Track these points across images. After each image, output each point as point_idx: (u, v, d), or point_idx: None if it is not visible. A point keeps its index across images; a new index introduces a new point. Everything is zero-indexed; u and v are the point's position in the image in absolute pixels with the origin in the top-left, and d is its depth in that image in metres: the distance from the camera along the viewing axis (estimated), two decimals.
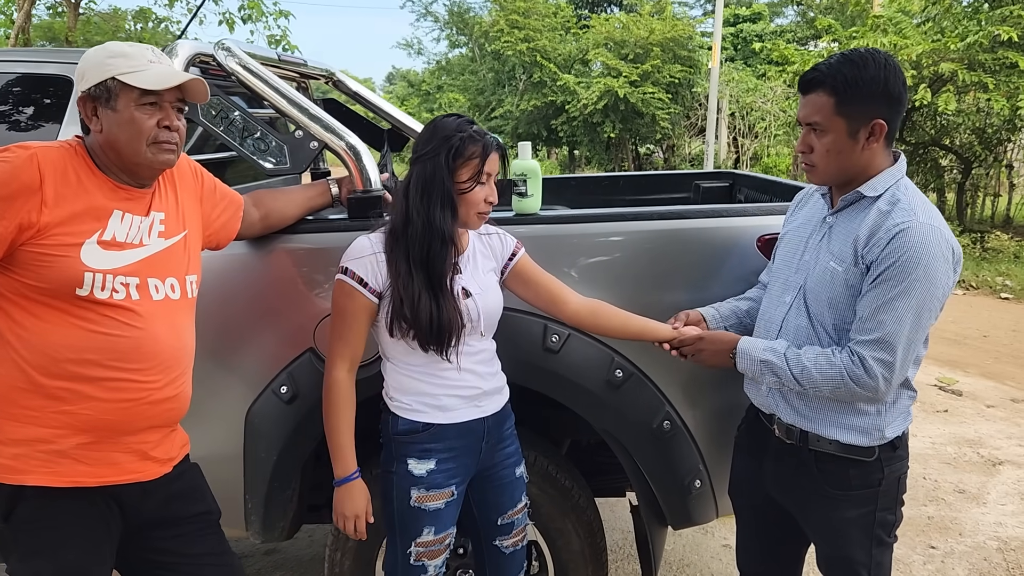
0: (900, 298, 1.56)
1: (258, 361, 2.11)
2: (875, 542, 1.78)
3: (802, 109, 1.70)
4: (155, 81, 1.56)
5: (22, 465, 1.54)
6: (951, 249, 1.60)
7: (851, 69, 1.63)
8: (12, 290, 1.52)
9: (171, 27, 16.53)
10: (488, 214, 1.81)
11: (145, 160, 1.59)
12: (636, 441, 2.10)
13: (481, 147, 1.74)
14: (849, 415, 1.70)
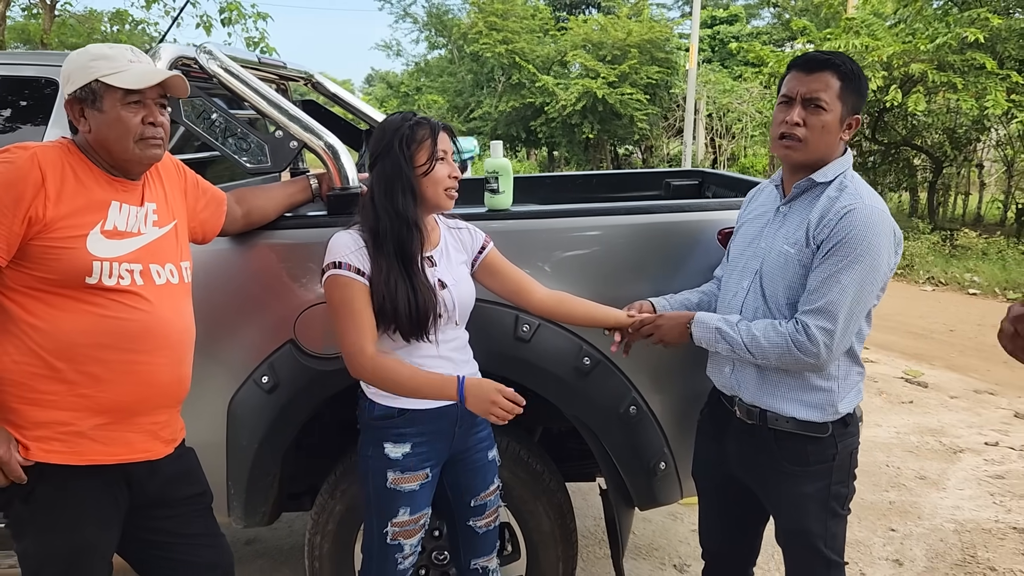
0: (845, 271, 1.69)
1: (241, 352, 2.20)
2: (830, 514, 1.89)
3: (806, 84, 1.77)
4: (137, 80, 1.65)
5: (43, 444, 1.62)
6: (892, 232, 1.74)
7: (855, 66, 1.79)
8: (25, 284, 1.60)
9: (148, 29, 16.46)
10: (455, 189, 1.90)
11: (134, 156, 1.68)
12: (604, 425, 2.20)
13: (429, 128, 1.86)
14: (805, 392, 1.82)
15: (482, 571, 2.13)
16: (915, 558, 3.16)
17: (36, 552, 1.70)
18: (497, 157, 2.26)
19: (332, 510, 2.29)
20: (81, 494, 1.67)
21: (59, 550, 1.69)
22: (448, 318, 1.89)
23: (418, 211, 1.85)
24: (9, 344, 1.62)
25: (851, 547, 3.24)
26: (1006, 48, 10.11)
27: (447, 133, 1.91)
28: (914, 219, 11.80)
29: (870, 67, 10.18)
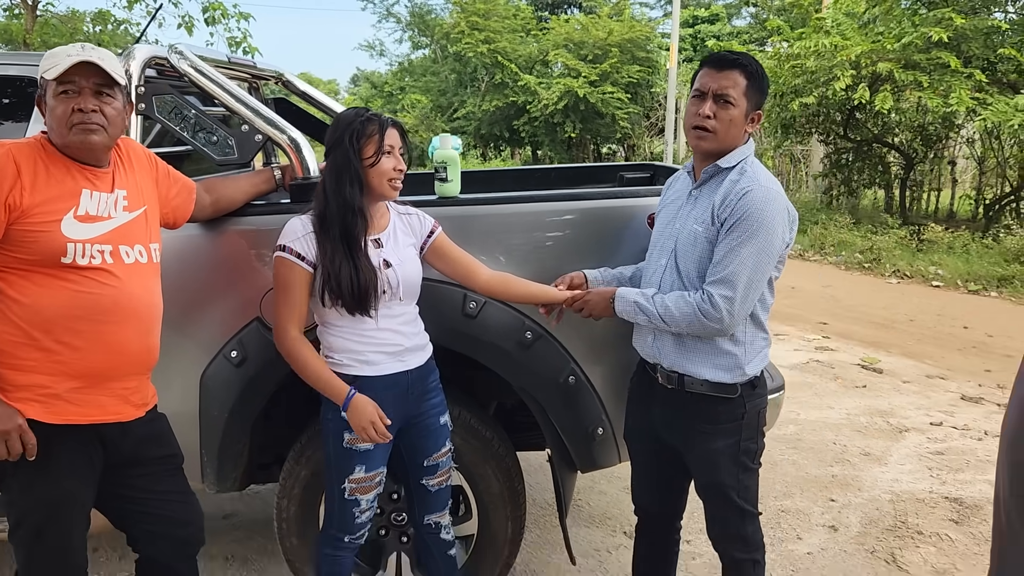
0: (744, 245, 1.90)
1: (211, 329, 2.38)
2: (741, 468, 2.10)
3: (716, 81, 1.98)
4: (56, 71, 1.80)
5: (24, 406, 1.81)
6: (786, 210, 1.96)
7: (758, 65, 2.02)
8: (6, 264, 1.79)
9: (131, 29, 16.51)
10: (400, 181, 2.09)
11: (71, 142, 1.84)
12: (546, 394, 2.40)
13: (378, 125, 2.05)
14: (717, 356, 2.03)
15: (435, 526, 2.33)
16: (850, 524, 3.39)
17: (20, 502, 1.88)
18: (446, 149, 2.45)
19: (298, 475, 2.48)
20: (59, 450, 1.86)
21: (41, 499, 1.87)
22: (392, 294, 2.09)
23: (364, 199, 2.05)
24: None
25: (790, 515, 3.46)
26: (970, 47, 10.39)
27: (396, 129, 2.10)
28: (883, 215, 12.07)
29: (839, 66, 10.46)
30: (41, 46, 16.55)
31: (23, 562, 1.94)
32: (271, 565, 3.08)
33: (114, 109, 1.88)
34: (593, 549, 3.18)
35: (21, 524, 1.91)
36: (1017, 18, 10.77)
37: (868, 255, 10.05)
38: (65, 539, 1.92)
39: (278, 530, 2.55)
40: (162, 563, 2.09)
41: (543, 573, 3.02)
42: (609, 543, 3.23)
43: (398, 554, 2.59)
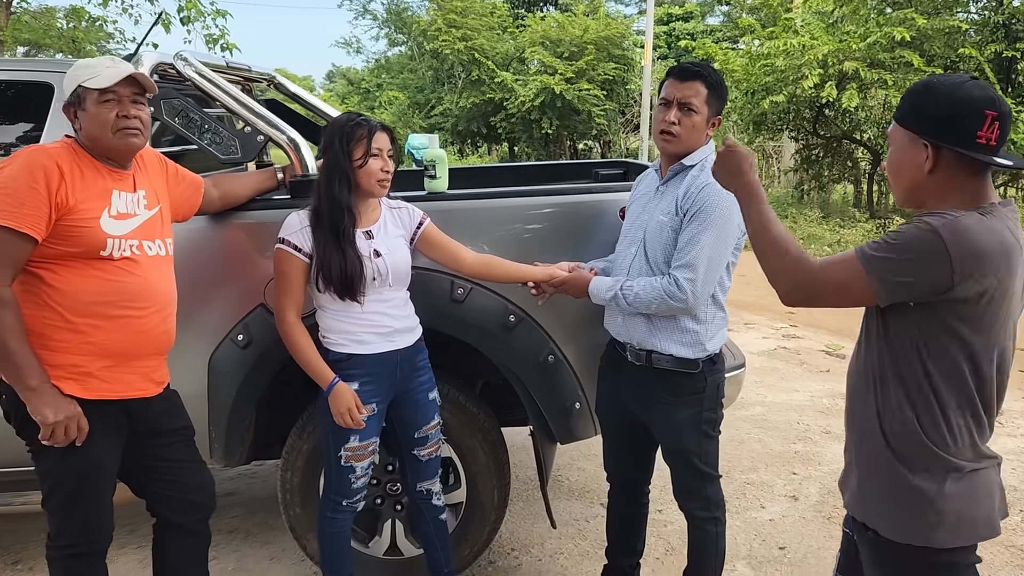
0: (703, 232, 2.14)
1: (219, 315, 2.58)
2: (703, 435, 2.34)
3: (680, 91, 2.22)
4: (105, 81, 2.02)
5: (60, 383, 2.00)
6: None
7: (718, 75, 2.26)
8: (50, 256, 1.98)
9: (106, 26, 16.48)
10: (388, 181, 2.30)
11: (114, 145, 2.06)
12: (527, 372, 2.63)
13: (367, 129, 2.26)
14: (681, 333, 2.26)
15: (426, 493, 2.56)
16: (809, 494, 3.65)
17: (54, 470, 2.08)
18: (434, 148, 2.67)
19: (300, 449, 2.69)
20: (91, 423, 2.05)
21: (74, 468, 2.07)
22: (383, 281, 2.31)
23: (352, 197, 2.27)
24: (32, 303, 1.99)
25: (755, 487, 3.72)
26: (932, 47, 10.78)
27: (385, 133, 2.30)
28: (851, 209, 12.43)
29: (808, 65, 10.78)
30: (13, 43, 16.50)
31: (57, 526, 2.14)
32: (273, 538, 3.29)
33: (146, 115, 2.10)
34: (573, 519, 3.41)
35: (55, 492, 2.10)
36: (979, 18, 11.18)
37: (836, 248, 10.39)
38: (95, 504, 2.12)
39: (282, 500, 2.75)
40: (176, 523, 2.30)
41: (527, 540, 3.25)
42: (588, 513, 3.47)
43: (393, 521, 2.80)
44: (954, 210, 1.49)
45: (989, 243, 1.44)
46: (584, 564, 3.08)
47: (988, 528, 1.57)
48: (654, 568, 3.02)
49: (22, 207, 1.90)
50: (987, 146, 1.48)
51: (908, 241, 1.47)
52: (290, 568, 3.08)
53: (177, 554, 2.33)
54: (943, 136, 1.50)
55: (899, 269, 1.48)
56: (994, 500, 1.58)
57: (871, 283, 1.51)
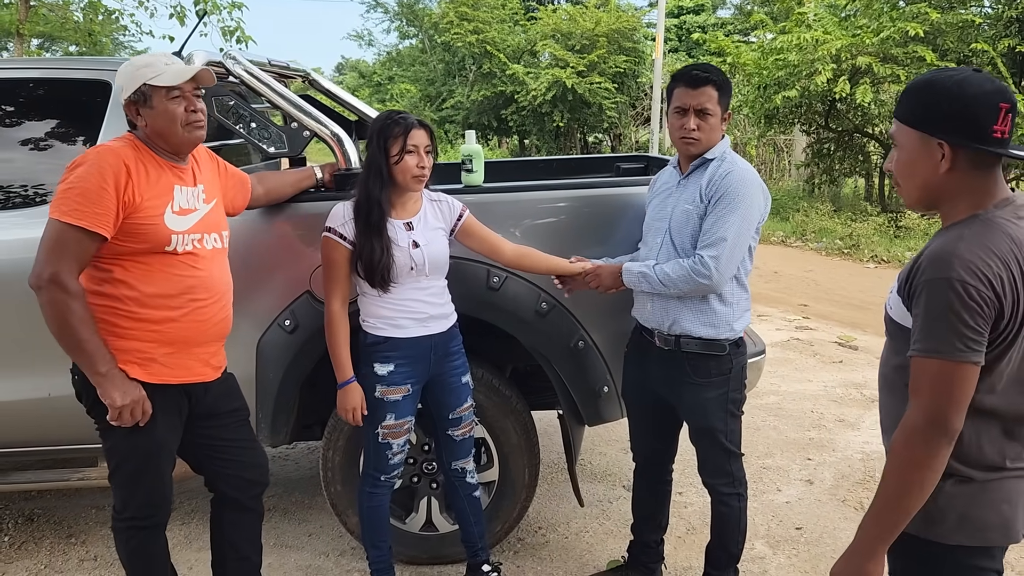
0: (728, 215, 2.29)
1: (267, 302, 2.73)
2: (729, 415, 2.48)
3: (695, 98, 2.37)
4: (174, 78, 2.15)
5: (128, 369, 2.14)
6: (761, 189, 2.37)
7: (723, 74, 2.40)
8: (119, 252, 2.11)
9: (123, 20, 16.62)
10: (424, 177, 2.43)
11: (184, 139, 2.20)
12: (558, 357, 2.77)
13: (403, 127, 2.39)
14: (708, 315, 2.40)
15: (461, 471, 2.70)
16: (824, 479, 3.78)
17: (120, 448, 2.22)
18: (471, 143, 2.81)
19: (342, 429, 2.83)
20: (156, 405, 2.19)
21: (137, 447, 2.21)
22: (419, 270, 2.45)
23: (387, 192, 2.41)
24: (101, 294, 2.13)
25: (771, 471, 3.86)
26: (946, 42, 10.82)
27: (423, 130, 2.43)
28: (863, 203, 12.50)
29: (821, 60, 10.85)
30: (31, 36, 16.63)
31: (123, 499, 2.28)
32: (310, 516, 3.44)
33: (204, 108, 2.23)
34: (597, 500, 3.55)
35: (121, 468, 2.25)
36: (993, 12, 11.21)
37: (848, 241, 10.48)
38: (157, 480, 2.27)
39: (323, 478, 2.90)
40: (232, 498, 2.45)
41: (554, 519, 3.40)
42: (611, 495, 3.62)
43: (428, 499, 2.95)
44: (969, 226, 1.46)
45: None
46: (608, 542, 3.22)
47: (1002, 534, 1.51)
48: (676, 546, 3.16)
49: (92, 206, 2.03)
50: (1002, 139, 1.43)
51: (946, 303, 1.39)
52: (328, 543, 3.23)
53: (233, 528, 2.48)
54: (959, 133, 1.44)
55: (974, 330, 1.39)
56: (1016, 509, 1.51)
57: (966, 367, 1.40)
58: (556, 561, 3.09)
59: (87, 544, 3.25)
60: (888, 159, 1.59)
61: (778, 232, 11.63)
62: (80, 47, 17.97)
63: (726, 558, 2.61)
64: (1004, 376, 1.47)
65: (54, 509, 3.54)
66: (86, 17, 17.13)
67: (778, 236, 11.50)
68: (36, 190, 2.81)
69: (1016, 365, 1.47)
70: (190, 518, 3.43)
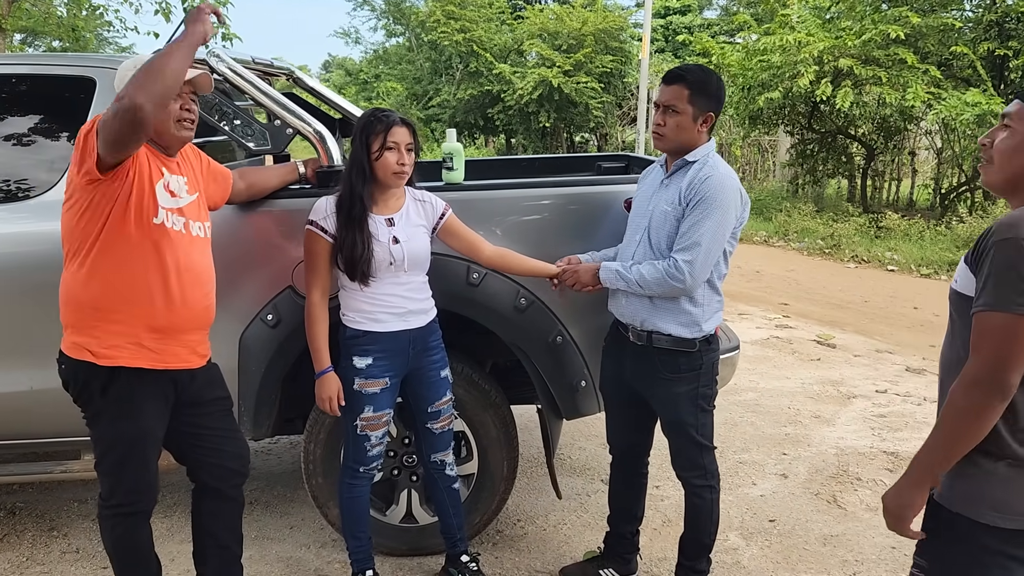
0: (704, 219, 2.34)
1: (250, 296, 2.77)
2: (699, 409, 2.54)
3: (664, 94, 2.44)
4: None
5: (116, 352, 2.19)
6: (739, 194, 2.40)
7: (702, 75, 2.43)
8: (107, 224, 2.13)
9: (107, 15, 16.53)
10: (403, 173, 2.47)
11: (175, 135, 2.25)
12: (537, 351, 2.82)
13: (384, 124, 2.44)
14: (680, 315, 2.45)
15: (440, 463, 2.75)
16: (798, 473, 3.86)
17: (107, 435, 2.26)
18: (452, 142, 2.86)
19: (323, 422, 2.87)
20: (142, 392, 2.24)
21: (124, 434, 2.25)
22: (398, 266, 2.50)
23: (368, 187, 2.47)
24: (93, 280, 2.18)
25: (747, 466, 3.93)
26: (926, 44, 10.96)
27: (404, 128, 2.47)
28: (845, 203, 12.63)
29: (803, 62, 10.96)
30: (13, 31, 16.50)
31: (109, 487, 2.32)
32: (292, 509, 3.49)
33: (197, 109, 2.29)
34: (575, 493, 3.61)
35: (108, 455, 2.29)
36: (973, 15, 11.36)
37: (829, 241, 10.60)
38: (143, 467, 2.31)
39: (305, 471, 2.94)
40: (213, 487, 2.49)
41: (532, 512, 3.45)
42: (589, 488, 3.68)
43: (408, 491, 3.00)
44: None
45: None
46: (585, 534, 3.28)
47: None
48: (652, 538, 3.22)
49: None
50: None
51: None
52: (309, 535, 3.27)
53: (213, 518, 2.52)
54: None
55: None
56: None
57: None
58: (534, 552, 3.14)
59: (69, 537, 3.27)
60: (988, 135, 1.61)
61: (761, 232, 11.74)
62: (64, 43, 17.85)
63: (699, 548, 2.68)
64: None
65: (36, 502, 3.57)
66: (70, 12, 17.03)
67: (761, 236, 11.61)
68: (19, 185, 2.83)
69: None
70: (172, 511, 3.47)
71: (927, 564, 1.67)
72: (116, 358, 2.19)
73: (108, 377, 2.21)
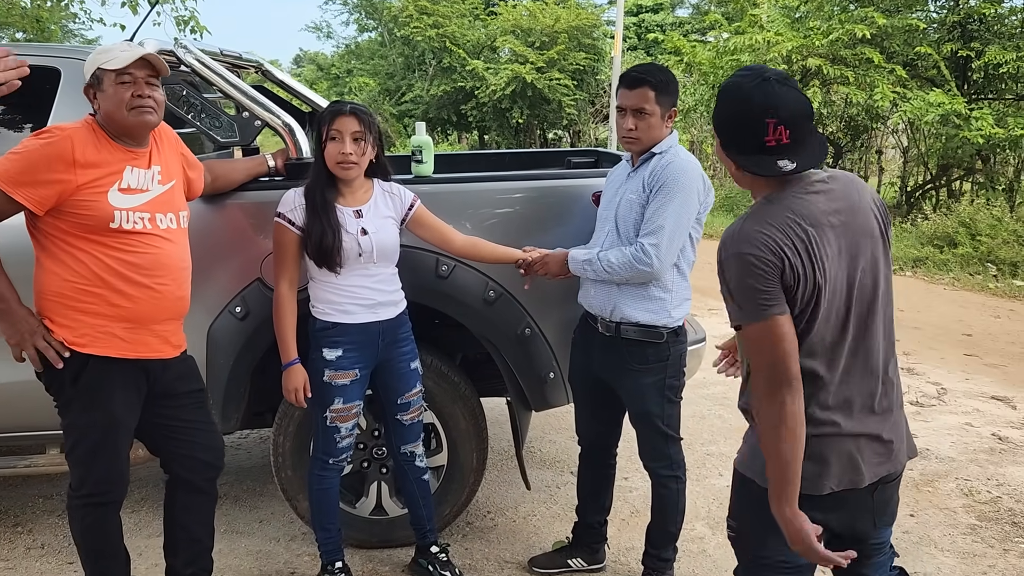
0: (667, 203, 2.39)
1: (218, 288, 2.76)
2: (666, 400, 2.58)
3: (631, 99, 2.47)
4: (121, 62, 2.19)
5: (87, 341, 2.19)
6: (701, 178, 2.46)
7: (662, 74, 2.48)
8: (67, 230, 2.15)
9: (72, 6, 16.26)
10: (347, 164, 2.45)
11: (130, 122, 2.23)
12: (505, 343, 2.84)
13: (330, 113, 2.45)
14: (648, 301, 2.49)
15: (410, 455, 2.76)
16: None
17: (78, 424, 2.25)
18: (421, 135, 2.87)
19: (292, 415, 2.87)
20: (113, 380, 2.23)
21: (95, 423, 2.25)
22: (368, 257, 2.51)
23: (328, 179, 2.49)
24: (61, 269, 2.18)
25: (715, 457, 3.98)
26: (892, 44, 11.14)
27: (352, 116, 2.44)
28: None
29: (772, 61, 11.08)
30: None
31: (80, 476, 2.31)
32: (261, 503, 3.48)
33: (160, 95, 2.26)
34: (544, 485, 3.64)
35: (79, 444, 2.27)
36: (937, 16, 11.56)
37: None
38: (114, 457, 2.30)
39: (274, 463, 2.94)
40: (186, 480, 2.48)
41: (502, 504, 3.48)
42: (558, 480, 3.71)
43: (379, 483, 3.01)
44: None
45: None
46: (555, 525, 3.31)
47: (807, 484, 1.59)
48: (620, 528, 3.26)
49: (26, 175, 2.09)
50: (779, 146, 1.55)
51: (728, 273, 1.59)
52: (279, 529, 3.27)
53: (186, 511, 2.51)
54: (734, 147, 1.63)
55: (766, 291, 1.53)
56: (821, 463, 1.61)
57: (771, 325, 1.54)
58: (503, 543, 3.17)
59: (34, 533, 3.24)
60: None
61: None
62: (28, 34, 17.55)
63: (665, 537, 2.72)
64: (816, 343, 1.59)
65: (0, 499, 3.52)
66: (33, 3, 16.73)
67: None
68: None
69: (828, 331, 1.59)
70: (140, 506, 3.44)
71: (736, 524, 1.78)
72: (86, 346, 2.19)
73: (79, 365, 2.20)
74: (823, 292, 1.56)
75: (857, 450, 1.64)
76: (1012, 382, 5.31)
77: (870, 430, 1.65)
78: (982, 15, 10.59)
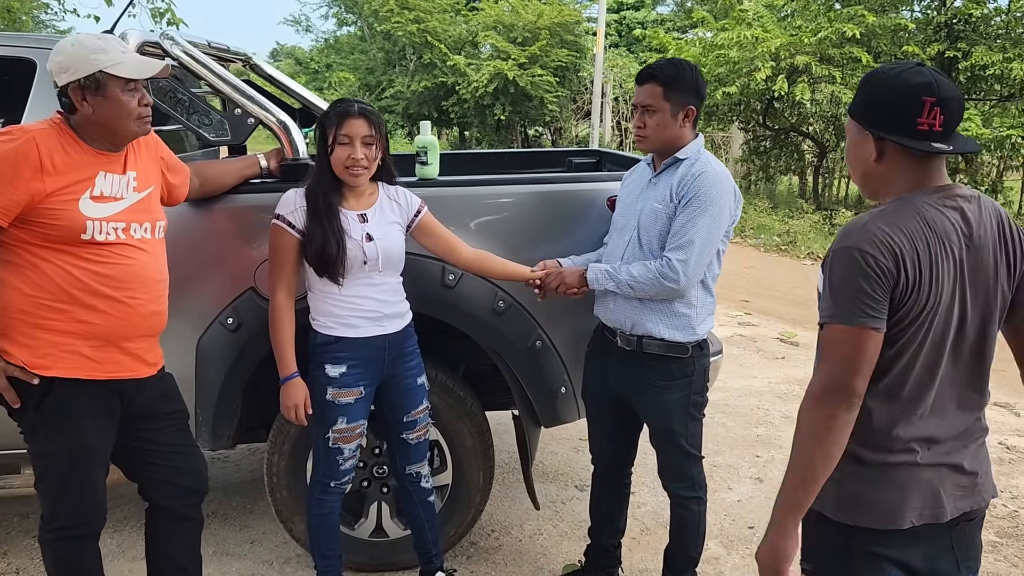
0: (698, 217, 2.23)
1: (208, 298, 2.57)
2: (690, 418, 2.43)
3: (639, 95, 2.33)
4: (137, 71, 2.01)
5: (51, 362, 1.99)
6: (733, 190, 2.30)
7: (674, 70, 2.30)
8: (34, 240, 1.95)
9: None
10: (357, 169, 2.28)
11: (133, 132, 2.06)
12: (515, 356, 2.68)
13: (338, 114, 2.27)
14: (672, 317, 2.34)
15: (415, 475, 2.59)
16: (773, 476, 3.79)
17: (45, 452, 2.07)
18: (426, 135, 2.70)
19: (288, 433, 2.69)
20: (82, 404, 2.04)
21: (63, 451, 2.05)
22: (372, 265, 2.33)
23: (333, 182, 2.31)
24: (23, 283, 1.98)
25: (721, 469, 3.85)
26: (879, 43, 11.10)
27: (362, 119, 2.27)
28: (799, 200, 12.76)
29: (760, 57, 11.01)
30: None
31: (51, 508, 2.12)
32: (251, 521, 3.29)
33: (151, 98, 2.09)
34: (550, 501, 3.49)
35: (48, 473, 2.08)
36: (923, 16, 11.55)
37: (785, 238, 10.66)
38: (88, 486, 2.11)
39: (268, 484, 2.76)
40: (166, 507, 2.30)
41: (507, 522, 3.32)
42: (564, 495, 3.56)
43: (379, 504, 2.83)
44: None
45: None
46: (563, 544, 3.16)
47: (885, 518, 1.49)
48: (630, 547, 3.11)
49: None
50: (929, 132, 1.44)
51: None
52: (272, 551, 3.09)
53: (168, 539, 2.33)
54: (884, 126, 1.47)
55: (872, 297, 1.41)
56: (900, 493, 1.49)
57: (865, 332, 1.42)
58: (511, 565, 3.01)
59: (9, 556, 3.03)
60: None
61: None
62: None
63: (685, 562, 2.58)
64: (909, 366, 1.48)
65: None
66: None
67: None
68: None
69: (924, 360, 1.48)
70: (123, 525, 3.24)
71: (812, 567, 1.64)
72: (50, 368, 2.00)
73: (43, 389, 2.01)
74: (933, 314, 1.46)
75: (938, 480, 1.51)
76: (1013, 387, 5.20)
77: (952, 460, 1.53)
78: (968, 16, 10.58)
